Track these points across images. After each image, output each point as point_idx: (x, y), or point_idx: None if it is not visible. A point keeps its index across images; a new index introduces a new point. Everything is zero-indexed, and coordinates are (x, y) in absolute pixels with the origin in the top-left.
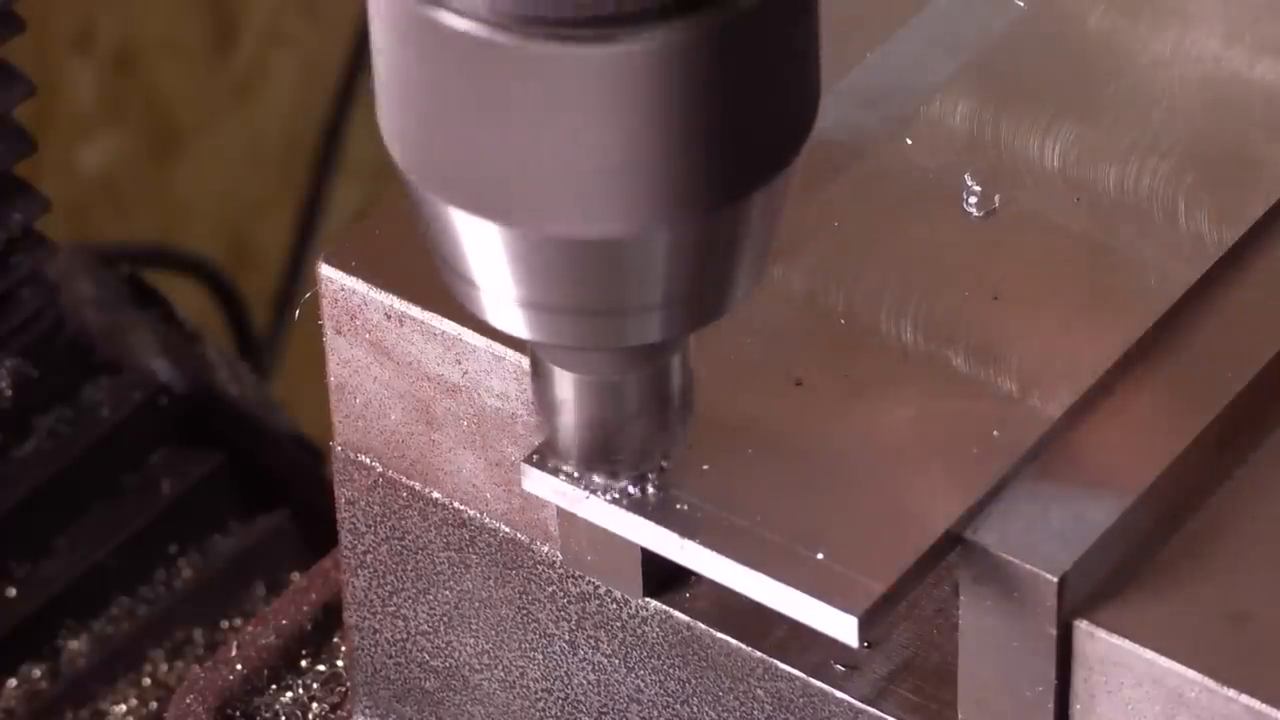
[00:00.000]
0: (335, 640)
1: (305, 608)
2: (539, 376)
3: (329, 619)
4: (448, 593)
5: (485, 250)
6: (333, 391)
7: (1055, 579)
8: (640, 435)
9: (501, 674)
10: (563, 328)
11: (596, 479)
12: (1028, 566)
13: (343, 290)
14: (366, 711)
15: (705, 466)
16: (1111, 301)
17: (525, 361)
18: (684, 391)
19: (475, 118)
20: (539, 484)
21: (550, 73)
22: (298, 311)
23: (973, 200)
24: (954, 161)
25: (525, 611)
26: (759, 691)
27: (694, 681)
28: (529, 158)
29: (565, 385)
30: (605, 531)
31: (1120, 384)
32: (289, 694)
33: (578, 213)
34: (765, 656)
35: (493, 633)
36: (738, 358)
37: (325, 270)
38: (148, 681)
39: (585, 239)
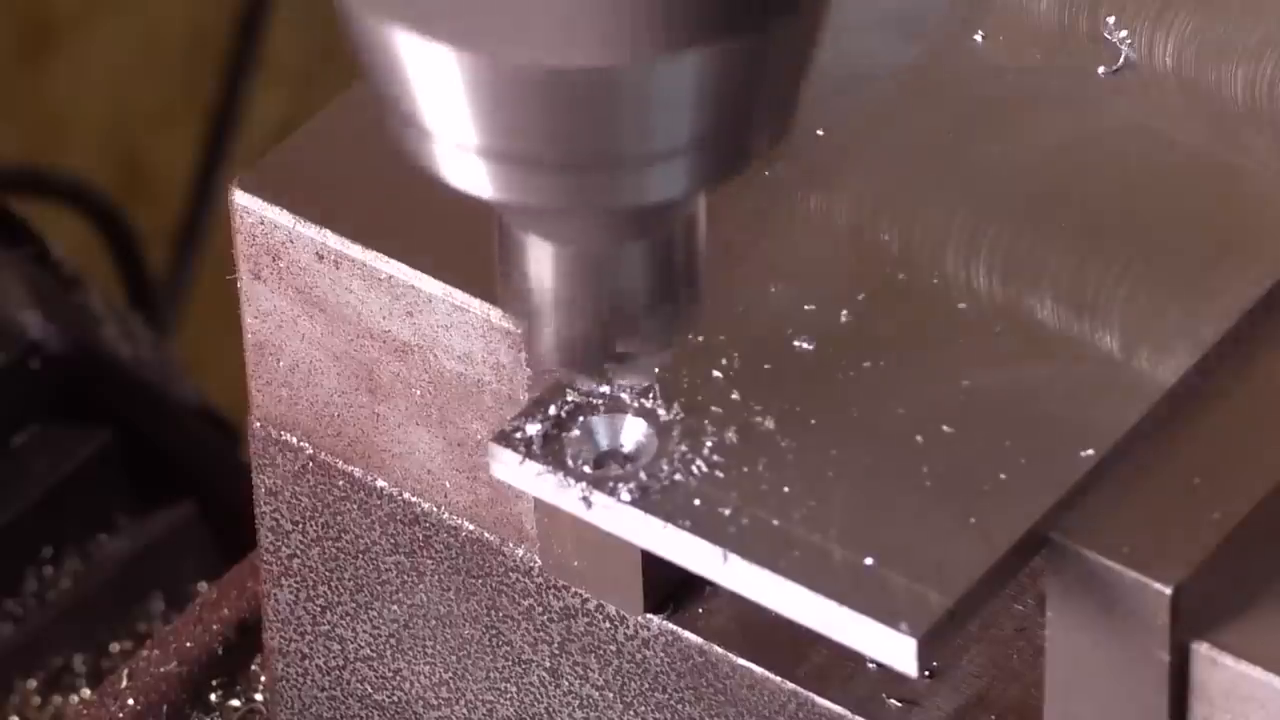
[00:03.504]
0: (253, 668)
1: (215, 626)
2: (509, 252)
3: (245, 641)
4: (396, 607)
5: (441, 85)
6: (249, 352)
7: (1168, 591)
8: (636, 327)
9: (464, 710)
10: (540, 185)
11: (573, 433)
12: (1133, 575)
13: (262, 224)
14: None
15: (725, 449)
16: (1240, 239)
17: (494, 314)
18: (690, 272)
19: None
20: (511, 469)
21: None
22: (204, 250)
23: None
24: (1038, 63)
25: (494, 631)
26: None
27: (708, 719)
28: None
29: (543, 261)
30: (596, 530)
31: (1252, 346)
32: None
33: (559, 37)
34: (799, 689)
35: (453, 658)
36: (766, 311)
37: (239, 198)
38: None
39: (568, 69)
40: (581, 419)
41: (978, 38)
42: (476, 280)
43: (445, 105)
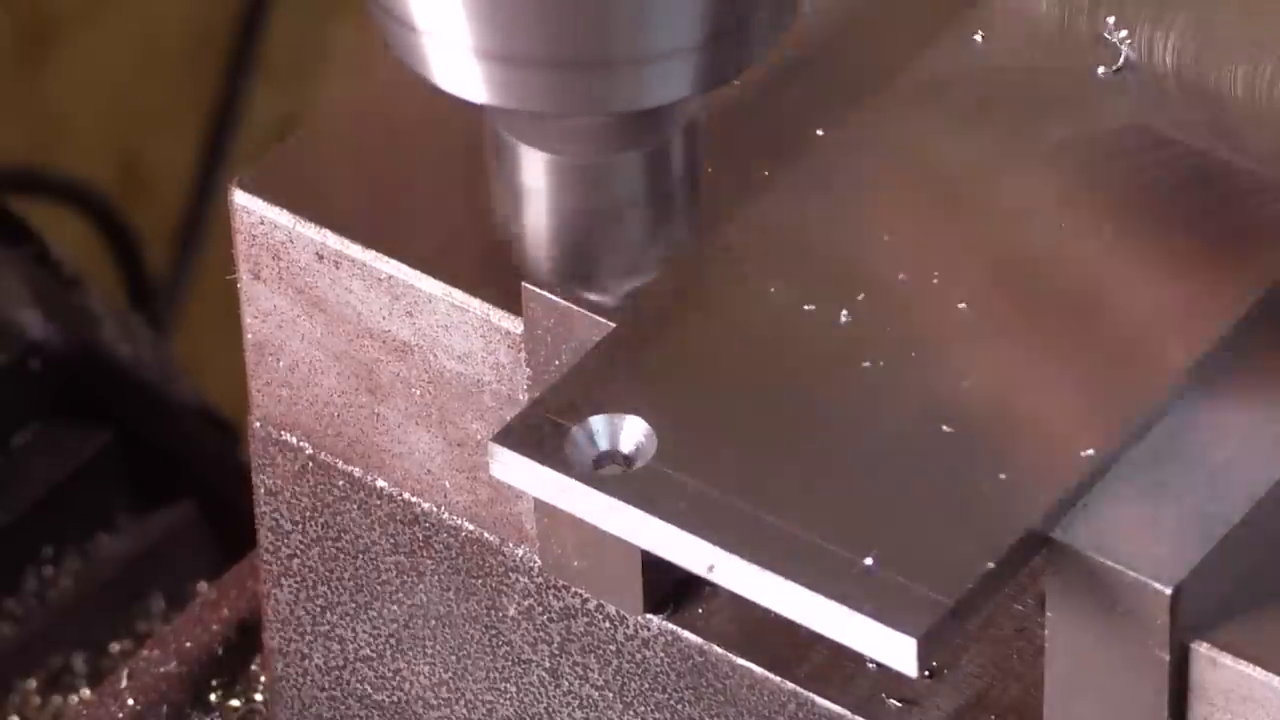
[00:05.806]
0: (253, 668)
1: (215, 626)
2: (502, 162)
3: (245, 641)
4: (396, 607)
5: None
6: (249, 352)
7: (1168, 590)
8: (632, 239)
9: (464, 710)
10: (533, 87)
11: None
12: (1133, 574)
13: (262, 223)
14: None
15: (725, 448)
16: (1242, 237)
17: (494, 314)
18: (689, 183)
19: None
20: (511, 469)
21: None
22: (204, 250)
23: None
24: (1038, 62)
25: (494, 632)
26: None
27: (708, 719)
28: None
29: (536, 171)
30: (596, 530)
31: (1253, 343)
32: None
33: None
34: (799, 689)
35: (453, 658)
36: (762, 310)
37: (239, 198)
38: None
39: None
40: (581, 419)
41: (978, 38)
42: (476, 280)
43: (440, 4)
